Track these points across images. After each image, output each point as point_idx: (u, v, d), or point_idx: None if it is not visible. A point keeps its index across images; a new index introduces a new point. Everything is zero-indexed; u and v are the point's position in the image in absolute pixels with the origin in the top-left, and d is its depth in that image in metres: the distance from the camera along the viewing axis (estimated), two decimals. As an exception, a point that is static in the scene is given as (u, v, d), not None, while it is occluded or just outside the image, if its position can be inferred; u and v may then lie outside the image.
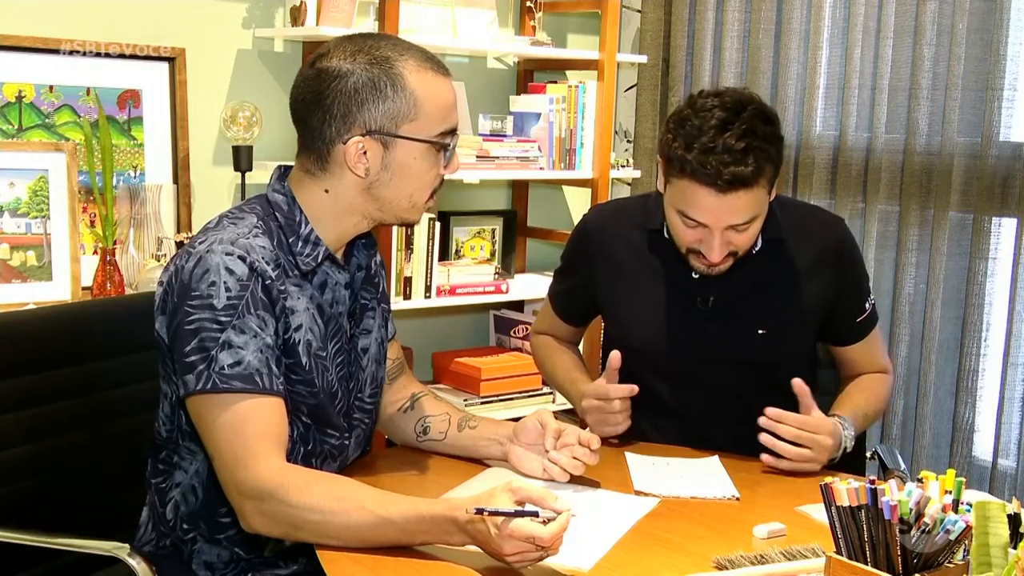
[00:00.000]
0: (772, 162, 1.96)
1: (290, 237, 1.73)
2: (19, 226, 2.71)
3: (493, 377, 3.41)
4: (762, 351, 2.11)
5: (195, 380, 1.60)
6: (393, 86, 1.68)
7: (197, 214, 3.06)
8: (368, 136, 1.68)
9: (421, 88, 1.69)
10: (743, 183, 1.91)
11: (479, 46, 3.43)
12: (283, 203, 1.75)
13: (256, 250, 1.66)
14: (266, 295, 1.65)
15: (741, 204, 1.94)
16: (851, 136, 3.32)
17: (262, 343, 1.63)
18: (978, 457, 3.10)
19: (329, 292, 1.78)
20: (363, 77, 1.67)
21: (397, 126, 1.69)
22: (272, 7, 3.20)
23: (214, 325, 1.61)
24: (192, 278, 1.63)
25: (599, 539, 1.62)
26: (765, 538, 1.65)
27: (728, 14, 3.63)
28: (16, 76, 2.78)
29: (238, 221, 1.71)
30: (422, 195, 1.76)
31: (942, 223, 3.10)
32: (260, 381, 1.61)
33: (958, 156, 3.05)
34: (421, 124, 1.70)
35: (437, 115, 1.71)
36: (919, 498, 1.30)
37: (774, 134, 1.97)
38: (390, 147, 1.70)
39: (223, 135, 3.12)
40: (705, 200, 1.94)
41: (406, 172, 1.72)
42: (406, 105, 1.68)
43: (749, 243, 2.04)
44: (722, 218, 1.96)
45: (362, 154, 1.69)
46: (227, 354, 1.60)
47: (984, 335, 3.05)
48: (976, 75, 3.03)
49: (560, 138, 3.50)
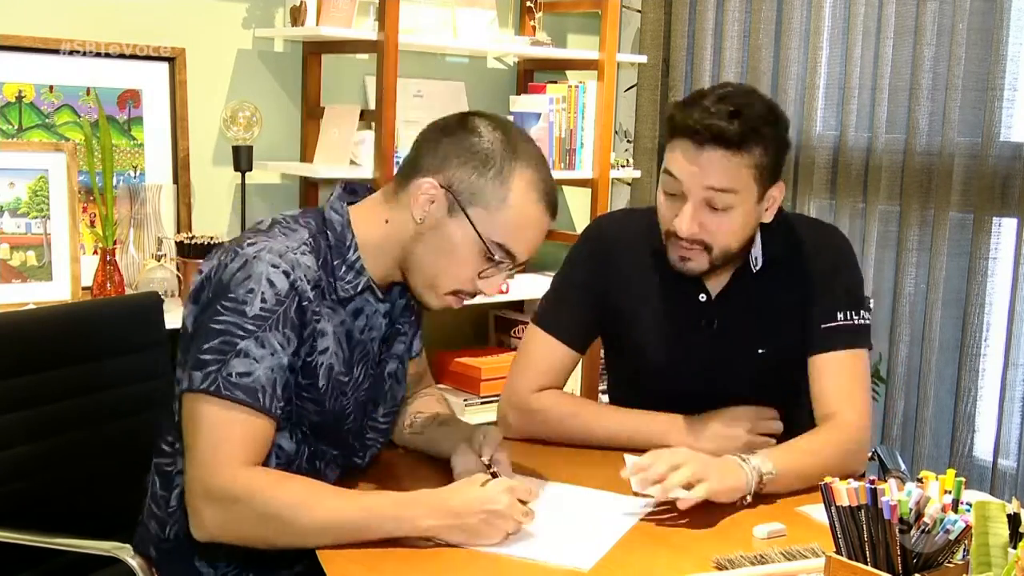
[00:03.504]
0: (764, 146, 1.89)
1: (335, 260, 1.72)
2: (19, 226, 2.71)
3: (493, 377, 3.40)
4: (761, 370, 2.05)
5: (202, 378, 1.60)
6: (498, 174, 1.67)
7: (197, 214, 3.06)
8: (445, 190, 1.68)
9: (517, 198, 1.68)
10: (722, 140, 1.86)
11: (479, 46, 3.43)
12: (337, 223, 1.74)
13: (301, 267, 1.66)
14: (299, 315, 1.65)
15: (717, 166, 1.87)
16: (851, 136, 3.32)
17: (277, 362, 1.63)
18: (978, 457, 3.10)
19: (363, 319, 1.77)
20: (484, 147, 1.68)
21: (471, 203, 1.67)
22: (272, 7, 3.20)
23: (239, 331, 1.61)
24: (233, 280, 1.63)
25: (599, 539, 1.62)
26: (765, 538, 1.65)
27: (728, 14, 3.63)
28: (16, 76, 2.78)
29: (290, 233, 1.71)
30: (447, 282, 1.72)
31: (942, 223, 3.10)
32: (262, 399, 1.61)
33: (958, 156, 3.05)
34: (489, 221, 1.67)
35: (509, 229, 1.69)
36: (919, 498, 1.30)
37: (774, 125, 1.93)
38: (453, 215, 1.68)
39: (223, 135, 3.12)
40: (682, 155, 1.90)
41: (447, 248, 1.69)
42: (492, 196, 1.67)
43: (726, 236, 1.94)
44: (696, 174, 1.89)
45: (429, 200, 1.68)
46: (240, 362, 1.60)
47: (984, 335, 3.05)
48: (976, 75, 3.03)
49: (560, 138, 3.50)
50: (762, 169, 1.92)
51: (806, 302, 2.03)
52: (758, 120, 1.89)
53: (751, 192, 1.92)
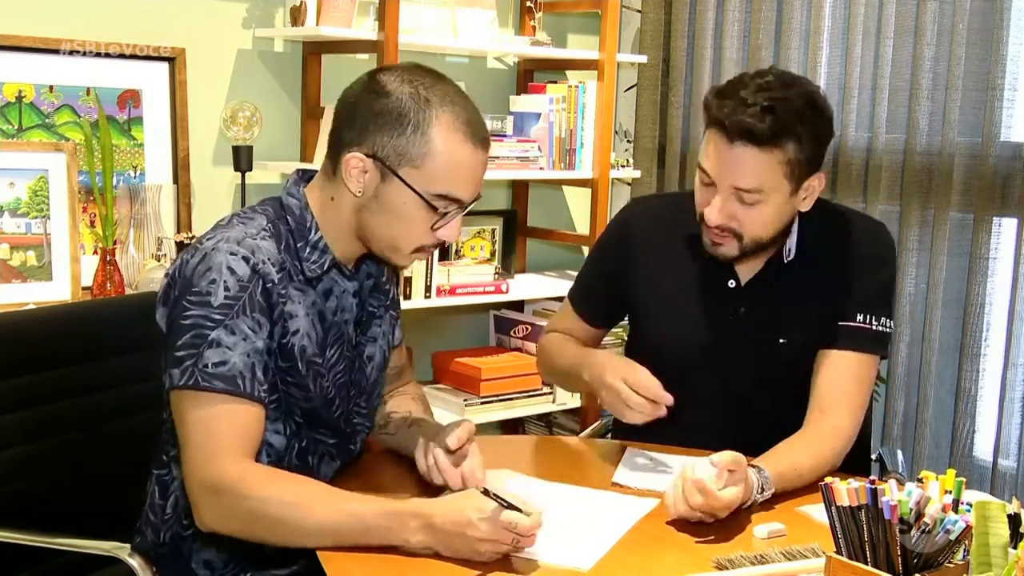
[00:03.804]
0: (797, 143, 1.88)
1: (299, 242, 1.73)
2: (19, 226, 2.71)
3: (493, 377, 3.40)
4: (782, 362, 2.04)
5: (179, 375, 1.61)
6: (416, 128, 1.65)
7: (197, 214, 3.06)
8: (372, 159, 1.67)
9: (441, 144, 1.66)
10: (751, 138, 1.86)
11: (479, 46, 3.43)
12: (296, 207, 1.75)
13: (262, 251, 1.66)
14: (265, 298, 1.65)
15: (747, 164, 1.88)
16: (851, 136, 3.32)
17: (251, 347, 1.63)
18: (978, 457, 3.10)
19: (334, 299, 1.78)
20: (396, 104, 1.66)
21: (399, 164, 1.66)
22: (272, 7, 3.20)
23: (207, 322, 1.61)
24: (195, 274, 1.64)
25: (599, 539, 1.62)
26: (765, 538, 1.65)
27: (728, 14, 3.63)
28: (16, 76, 2.78)
29: (248, 221, 1.72)
30: (406, 243, 1.72)
31: (942, 223, 3.10)
32: (242, 384, 1.61)
33: (958, 156, 3.05)
34: (423, 175, 1.66)
35: (443, 176, 1.67)
36: (919, 498, 1.30)
37: (811, 119, 1.91)
38: (386, 180, 1.68)
39: (223, 135, 3.12)
40: (714, 148, 1.91)
41: (393, 214, 1.69)
42: (416, 151, 1.65)
43: (757, 228, 1.95)
44: (724, 171, 1.90)
45: (362, 172, 1.68)
46: (214, 352, 1.60)
47: (984, 335, 3.04)
48: (976, 75, 3.03)
49: (560, 138, 3.50)
50: (795, 164, 1.91)
51: (833, 294, 2.02)
52: (792, 116, 1.87)
53: (782, 188, 1.92)
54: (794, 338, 2.03)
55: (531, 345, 3.56)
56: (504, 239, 3.69)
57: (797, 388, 2.04)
